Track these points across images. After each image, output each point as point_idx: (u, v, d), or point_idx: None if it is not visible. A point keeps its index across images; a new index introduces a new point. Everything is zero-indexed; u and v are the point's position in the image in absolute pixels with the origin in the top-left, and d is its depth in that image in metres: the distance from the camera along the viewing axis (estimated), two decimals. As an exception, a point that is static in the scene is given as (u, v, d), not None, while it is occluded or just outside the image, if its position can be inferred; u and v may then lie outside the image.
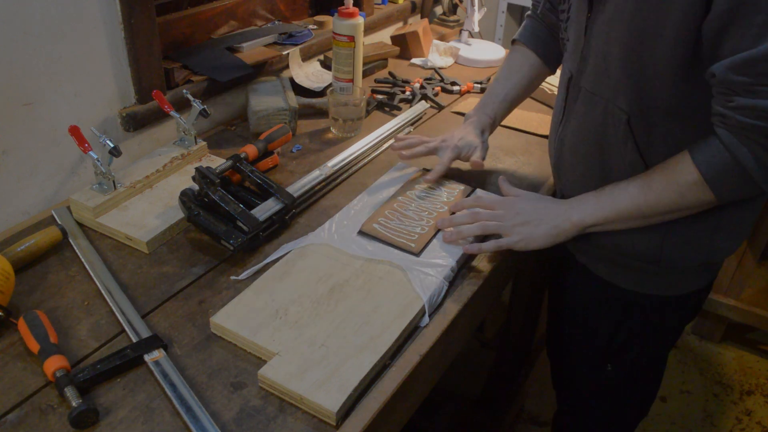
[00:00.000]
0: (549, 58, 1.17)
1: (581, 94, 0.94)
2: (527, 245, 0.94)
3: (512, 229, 0.95)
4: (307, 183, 1.11)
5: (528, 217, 0.95)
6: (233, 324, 0.82)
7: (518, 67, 1.17)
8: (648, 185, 0.87)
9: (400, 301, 0.87)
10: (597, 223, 0.92)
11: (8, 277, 0.83)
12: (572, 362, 1.19)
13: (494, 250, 0.96)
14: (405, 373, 0.79)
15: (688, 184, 0.83)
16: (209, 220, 0.97)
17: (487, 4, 1.90)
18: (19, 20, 0.95)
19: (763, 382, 2.07)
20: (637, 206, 0.88)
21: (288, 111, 1.30)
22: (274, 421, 0.72)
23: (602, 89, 0.90)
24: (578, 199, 0.96)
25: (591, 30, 0.90)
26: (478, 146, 1.12)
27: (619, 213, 0.90)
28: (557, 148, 1.03)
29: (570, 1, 0.97)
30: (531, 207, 0.97)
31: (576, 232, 0.94)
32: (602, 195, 0.92)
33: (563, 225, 0.94)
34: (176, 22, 1.35)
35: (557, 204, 0.97)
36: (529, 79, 1.17)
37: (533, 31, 1.17)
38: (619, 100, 0.87)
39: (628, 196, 0.89)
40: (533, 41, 1.16)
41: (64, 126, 1.04)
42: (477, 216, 0.98)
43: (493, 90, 1.18)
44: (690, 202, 0.85)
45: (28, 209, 1.06)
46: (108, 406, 0.73)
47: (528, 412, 1.91)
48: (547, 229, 0.94)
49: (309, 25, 1.63)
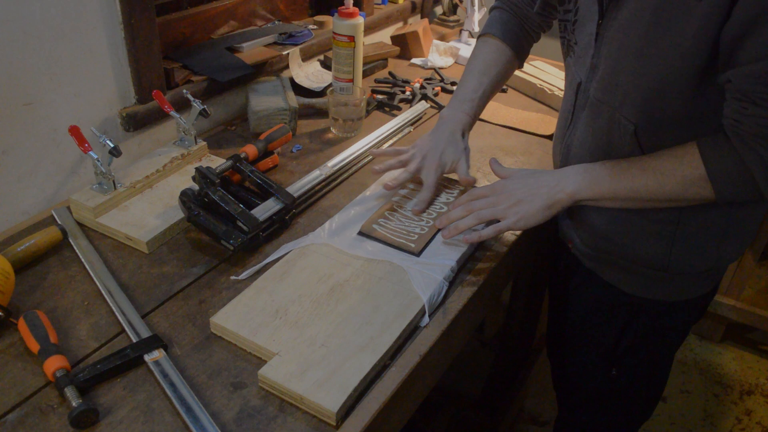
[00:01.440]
0: (521, 55, 1.14)
1: (589, 102, 0.93)
2: (526, 223, 0.93)
3: (507, 211, 0.94)
4: (307, 183, 1.11)
5: (521, 195, 0.94)
6: (233, 324, 0.82)
7: (494, 61, 1.11)
8: (652, 170, 0.86)
9: (400, 301, 0.87)
10: (591, 198, 0.91)
11: (8, 277, 0.83)
12: (576, 366, 1.18)
13: (495, 234, 0.94)
14: (405, 373, 0.79)
15: (693, 177, 0.83)
16: (209, 220, 0.97)
17: (487, 4, 1.90)
18: (19, 20, 0.95)
19: (763, 382, 2.07)
20: (635, 189, 0.87)
21: (288, 111, 1.30)
22: (274, 421, 0.72)
23: (609, 98, 0.88)
24: (574, 169, 0.94)
25: (602, 38, 0.87)
26: (461, 157, 1.06)
27: (616, 192, 0.89)
28: (563, 154, 1.02)
29: (577, 3, 0.94)
30: (522, 184, 0.95)
31: (570, 203, 0.93)
32: (602, 170, 0.91)
33: (557, 195, 0.92)
34: (176, 22, 1.35)
35: (550, 175, 0.95)
36: (504, 74, 1.13)
37: (506, 25, 1.12)
38: (626, 109, 0.86)
39: (629, 177, 0.88)
40: (508, 36, 1.11)
41: (64, 126, 1.04)
42: (471, 207, 0.97)
43: (469, 85, 1.10)
44: (689, 195, 0.85)
45: (28, 209, 1.06)
46: (108, 406, 0.73)
47: (528, 412, 1.91)
48: (542, 202, 0.92)
49: (309, 25, 1.63)
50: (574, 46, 0.97)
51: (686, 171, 0.83)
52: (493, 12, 1.15)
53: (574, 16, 0.96)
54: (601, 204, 0.92)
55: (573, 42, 0.97)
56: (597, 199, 0.91)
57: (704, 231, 0.91)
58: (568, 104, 1.00)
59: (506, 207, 0.94)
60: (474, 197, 0.99)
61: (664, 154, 0.86)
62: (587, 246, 1.02)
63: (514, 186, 0.96)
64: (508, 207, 0.94)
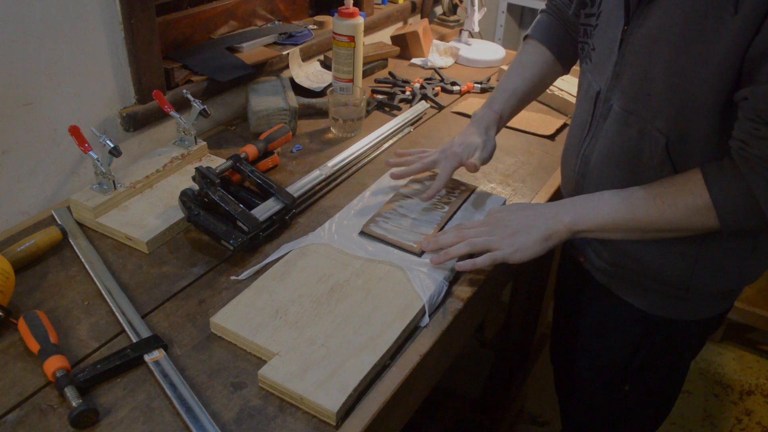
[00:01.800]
0: (564, 57, 1.10)
1: (612, 113, 0.89)
2: (522, 256, 0.89)
3: (502, 241, 0.90)
4: (307, 183, 1.11)
5: (516, 226, 0.91)
6: (233, 324, 0.82)
7: (530, 62, 1.10)
8: (653, 200, 0.83)
9: (400, 301, 0.87)
10: (591, 229, 0.89)
11: (8, 277, 0.83)
12: (585, 379, 1.14)
13: (490, 263, 0.90)
14: (405, 373, 0.79)
15: (697, 207, 0.80)
16: (209, 220, 0.97)
17: (487, 4, 1.90)
18: (19, 20, 0.95)
19: (763, 382, 2.07)
20: (636, 220, 0.85)
21: (288, 111, 1.30)
22: (274, 421, 0.72)
23: (640, 109, 0.84)
24: (572, 201, 0.92)
25: (627, 44, 0.83)
26: (478, 146, 1.04)
27: (617, 223, 0.86)
28: (581, 166, 0.97)
29: (600, 7, 0.91)
30: (517, 216, 0.92)
31: (568, 236, 0.90)
32: (601, 201, 0.88)
33: (555, 227, 0.89)
34: (176, 22, 1.35)
35: (546, 207, 0.93)
36: (541, 76, 1.10)
37: (549, 28, 1.10)
38: (659, 122, 0.82)
39: (628, 208, 0.85)
40: (548, 38, 1.09)
41: (64, 126, 1.04)
42: (463, 235, 0.93)
43: (501, 85, 1.10)
44: (693, 225, 0.82)
45: (28, 209, 1.06)
46: (108, 406, 0.73)
47: (528, 413, 1.91)
48: (539, 234, 0.89)
49: (309, 25, 1.63)
50: (591, 52, 0.94)
51: (689, 199, 0.80)
52: (538, 16, 1.14)
53: (596, 20, 0.93)
54: (601, 236, 0.90)
55: (591, 48, 0.94)
56: (596, 230, 0.89)
57: (729, 252, 0.88)
58: (585, 114, 0.96)
59: (501, 237, 0.90)
60: (466, 226, 0.95)
61: (665, 182, 0.84)
62: (603, 260, 0.98)
63: (509, 217, 0.92)
64: (503, 237, 0.90)
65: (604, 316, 1.06)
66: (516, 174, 1.24)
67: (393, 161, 1.12)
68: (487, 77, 1.68)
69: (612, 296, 1.01)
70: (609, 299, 1.02)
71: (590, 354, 1.11)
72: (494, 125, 1.08)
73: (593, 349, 1.10)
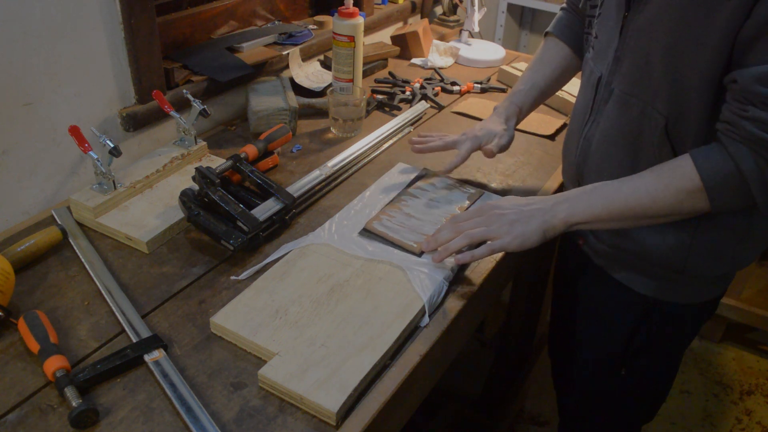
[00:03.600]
0: (581, 52, 1.10)
1: (613, 96, 0.91)
2: (522, 244, 0.90)
3: (500, 230, 0.90)
4: (307, 183, 1.11)
5: (514, 216, 0.91)
6: (233, 324, 0.82)
7: (550, 58, 1.15)
8: (644, 187, 0.85)
9: (400, 301, 0.87)
10: (586, 221, 0.90)
11: (8, 277, 0.83)
12: (582, 365, 1.16)
13: (488, 254, 0.91)
14: (405, 373, 0.79)
15: (687, 190, 0.82)
16: (209, 220, 0.97)
17: (487, 4, 1.90)
18: (19, 20, 0.96)
19: (763, 382, 2.07)
20: (630, 208, 0.86)
21: (288, 111, 1.30)
22: (274, 421, 0.72)
23: (640, 91, 0.87)
24: (565, 195, 0.93)
25: (628, 29, 0.87)
26: (498, 134, 1.09)
27: (611, 213, 0.88)
28: (582, 147, 1.00)
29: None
30: (513, 207, 0.93)
31: (563, 229, 0.91)
32: (594, 193, 0.90)
33: (552, 221, 0.90)
34: (176, 22, 1.35)
35: (542, 200, 0.94)
36: (560, 71, 1.14)
37: (566, 24, 1.14)
38: (658, 103, 0.85)
39: (621, 197, 0.87)
40: (567, 34, 1.14)
41: (64, 126, 1.04)
42: (459, 228, 0.93)
43: (522, 80, 1.16)
44: (684, 209, 0.84)
45: (28, 209, 1.06)
46: (108, 406, 0.73)
47: (528, 412, 1.91)
48: (537, 224, 0.90)
49: (309, 25, 1.63)
50: (594, 41, 0.97)
51: (680, 184, 0.82)
52: (558, 12, 1.18)
53: (598, 10, 0.96)
54: (596, 226, 0.91)
55: (593, 36, 0.97)
56: (591, 221, 0.90)
57: (723, 234, 0.90)
58: (587, 99, 0.99)
59: (499, 226, 0.91)
60: (461, 219, 0.96)
61: (655, 170, 0.86)
62: (602, 243, 1.00)
63: (504, 208, 0.93)
64: (501, 226, 0.91)
65: (601, 299, 1.08)
66: (516, 174, 1.24)
67: (416, 139, 1.17)
68: (487, 77, 1.67)
69: (609, 280, 1.04)
70: (606, 283, 1.04)
71: (587, 338, 1.14)
72: (514, 116, 1.14)
73: (590, 332, 1.13)
